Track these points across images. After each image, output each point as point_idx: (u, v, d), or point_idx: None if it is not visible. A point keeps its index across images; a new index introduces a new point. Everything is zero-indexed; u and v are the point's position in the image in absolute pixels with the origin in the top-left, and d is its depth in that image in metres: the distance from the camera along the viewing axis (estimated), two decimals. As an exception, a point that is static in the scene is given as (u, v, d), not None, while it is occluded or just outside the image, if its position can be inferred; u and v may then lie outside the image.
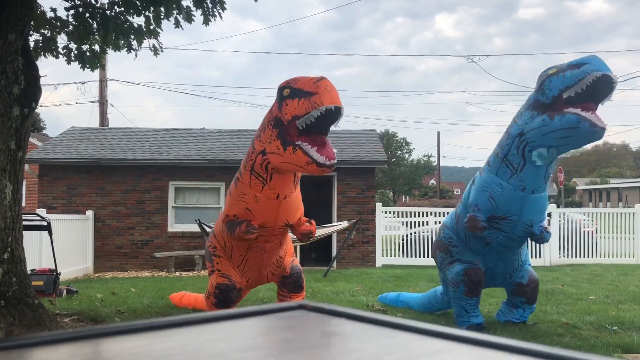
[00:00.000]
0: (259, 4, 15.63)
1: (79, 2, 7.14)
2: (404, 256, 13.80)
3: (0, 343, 0.76)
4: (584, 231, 13.61)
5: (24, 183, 11.30)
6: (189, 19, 7.21)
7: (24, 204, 19.51)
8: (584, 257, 13.39)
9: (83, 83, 19.45)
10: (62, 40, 7.42)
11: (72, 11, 7.08)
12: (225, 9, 7.28)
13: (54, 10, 7.22)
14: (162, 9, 7.15)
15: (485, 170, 5.82)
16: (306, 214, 5.85)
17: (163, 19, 7.27)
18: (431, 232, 13.82)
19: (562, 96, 4.99)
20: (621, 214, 14.14)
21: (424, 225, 14.35)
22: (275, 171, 5.27)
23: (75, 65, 7.54)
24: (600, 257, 13.57)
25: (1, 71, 5.38)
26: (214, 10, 7.21)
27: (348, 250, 13.35)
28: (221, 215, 6.02)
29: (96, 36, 7.41)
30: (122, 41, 7.46)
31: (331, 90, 4.82)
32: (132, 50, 7.64)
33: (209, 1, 7.13)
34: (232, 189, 5.70)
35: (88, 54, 7.57)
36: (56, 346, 0.77)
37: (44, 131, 41.18)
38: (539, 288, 6.50)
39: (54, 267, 8.69)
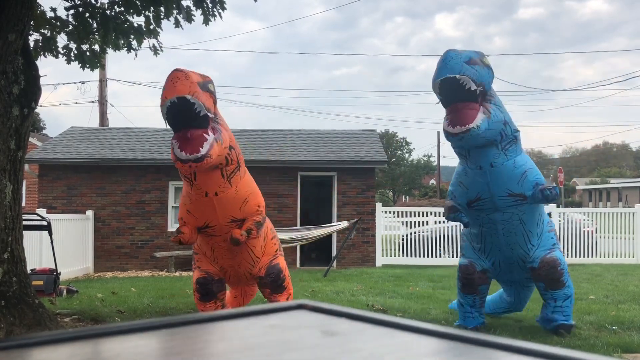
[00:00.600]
0: (259, 3, 15.61)
1: (79, 2, 7.14)
2: (404, 256, 13.80)
3: (0, 343, 0.76)
4: (583, 231, 13.61)
5: (24, 183, 11.31)
6: (189, 18, 7.21)
7: (24, 204, 19.50)
8: (584, 257, 13.39)
9: (83, 83, 19.44)
10: (62, 40, 7.43)
11: (72, 11, 7.08)
12: (225, 8, 7.28)
13: (54, 10, 7.22)
14: (162, 8, 7.15)
15: (458, 163, 6.19)
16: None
17: (163, 18, 7.27)
18: (431, 232, 13.83)
19: None
20: (621, 214, 14.14)
21: (424, 225, 14.35)
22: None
23: (75, 65, 7.55)
24: (600, 257, 13.57)
25: (1, 71, 5.38)
26: (214, 10, 7.21)
27: (348, 250, 13.35)
28: None
29: (96, 36, 7.41)
30: (122, 41, 7.46)
31: (173, 81, 4.77)
32: (132, 50, 7.64)
33: (209, 1, 7.13)
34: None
35: (88, 53, 7.57)
36: (56, 346, 0.77)
37: (44, 131, 41.18)
38: (559, 270, 5.88)
39: (54, 267, 8.69)
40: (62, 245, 10.85)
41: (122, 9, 7.25)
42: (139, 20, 7.44)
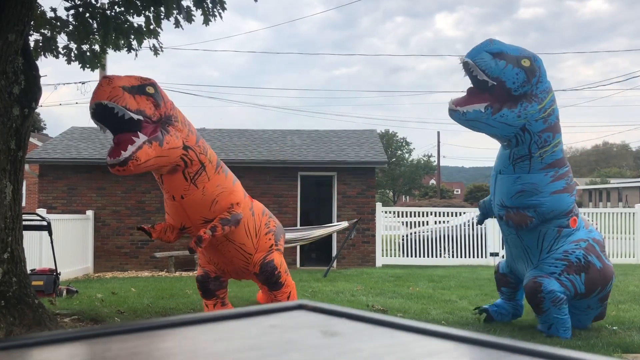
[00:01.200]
0: (259, 3, 15.62)
1: (79, 2, 7.14)
2: (404, 256, 13.80)
3: (0, 343, 0.76)
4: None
5: (24, 183, 11.30)
6: (189, 18, 7.21)
7: (24, 204, 19.51)
8: (584, 257, 13.37)
9: (83, 83, 19.49)
10: (62, 40, 7.42)
11: (72, 11, 7.08)
12: (225, 8, 7.27)
13: (54, 10, 7.22)
14: (162, 9, 7.15)
15: None
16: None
17: (163, 18, 7.27)
18: (431, 232, 13.83)
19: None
20: (621, 214, 14.14)
21: (424, 225, 14.35)
22: (158, 173, 5.39)
23: (75, 65, 7.55)
24: (600, 257, 13.56)
25: (1, 71, 5.38)
26: (214, 10, 7.21)
27: (348, 250, 13.35)
28: None
29: (96, 36, 7.41)
30: (122, 41, 7.46)
31: (96, 88, 4.80)
32: (132, 50, 7.64)
33: (209, 1, 7.13)
34: None
35: (88, 53, 7.57)
36: (56, 346, 0.77)
37: (44, 131, 41.20)
38: (539, 297, 5.68)
39: (54, 267, 8.68)
40: (62, 246, 10.85)
41: (122, 9, 7.25)
42: (139, 21, 7.45)
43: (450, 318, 6.76)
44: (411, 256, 13.67)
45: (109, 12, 7.19)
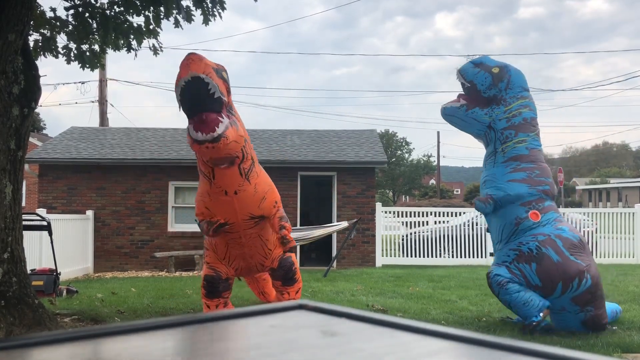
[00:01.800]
0: (259, 3, 15.58)
1: (78, 2, 7.14)
2: (404, 256, 13.81)
3: (0, 343, 0.76)
4: (583, 231, 13.60)
5: (24, 183, 11.30)
6: (188, 18, 7.21)
7: (24, 204, 19.50)
8: (584, 257, 13.37)
9: (83, 83, 19.41)
10: (62, 40, 7.42)
11: (71, 11, 7.08)
12: (225, 8, 7.27)
13: (53, 10, 7.22)
14: (162, 8, 7.15)
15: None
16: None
17: (163, 18, 7.27)
18: (431, 232, 13.83)
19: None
20: (621, 214, 14.14)
21: (424, 225, 14.35)
22: (214, 165, 5.26)
23: (75, 65, 7.55)
24: (600, 257, 13.56)
25: (1, 71, 5.38)
26: (214, 10, 7.21)
27: (348, 250, 13.35)
28: None
29: (96, 36, 7.41)
30: (122, 41, 7.46)
31: (187, 61, 4.74)
32: (132, 50, 7.64)
33: (208, 1, 7.13)
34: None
35: (88, 53, 7.57)
36: (56, 346, 0.77)
37: (44, 131, 41.18)
38: (493, 286, 6.09)
39: (54, 267, 8.69)
40: (62, 246, 10.85)
41: (122, 9, 7.25)
42: (138, 20, 7.45)
43: (450, 318, 6.76)
44: (411, 256, 13.67)
45: (108, 12, 7.19)
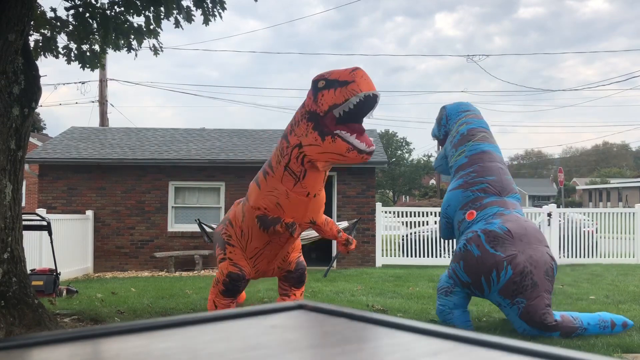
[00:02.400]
0: (259, 3, 15.60)
1: (79, 2, 7.14)
2: (404, 256, 13.80)
3: (0, 343, 0.76)
4: (584, 231, 13.60)
5: (24, 183, 11.30)
6: (189, 18, 7.21)
7: (24, 204, 19.52)
8: (584, 257, 13.39)
9: (83, 83, 19.46)
10: (62, 40, 7.43)
11: (72, 11, 7.08)
12: (225, 8, 7.28)
13: (54, 10, 7.22)
14: (162, 8, 7.15)
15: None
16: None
17: (163, 18, 7.27)
18: (431, 232, 13.82)
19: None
20: (621, 214, 14.14)
21: (424, 225, 14.35)
22: (310, 167, 5.23)
23: (75, 65, 7.55)
24: (600, 257, 13.57)
25: (1, 71, 5.38)
26: (214, 10, 7.21)
27: (348, 250, 13.34)
28: (241, 206, 6.08)
29: (96, 36, 7.41)
30: (122, 41, 7.46)
31: (367, 78, 4.85)
32: (132, 50, 7.64)
33: (209, 1, 7.13)
34: (260, 181, 5.66)
35: (88, 53, 7.57)
36: (56, 346, 0.77)
37: (44, 131, 41.19)
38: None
39: (54, 267, 8.69)
40: (62, 246, 10.85)
41: (122, 9, 7.25)
42: (139, 21, 7.45)
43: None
44: (411, 256, 13.67)
45: (108, 12, 7.19)
